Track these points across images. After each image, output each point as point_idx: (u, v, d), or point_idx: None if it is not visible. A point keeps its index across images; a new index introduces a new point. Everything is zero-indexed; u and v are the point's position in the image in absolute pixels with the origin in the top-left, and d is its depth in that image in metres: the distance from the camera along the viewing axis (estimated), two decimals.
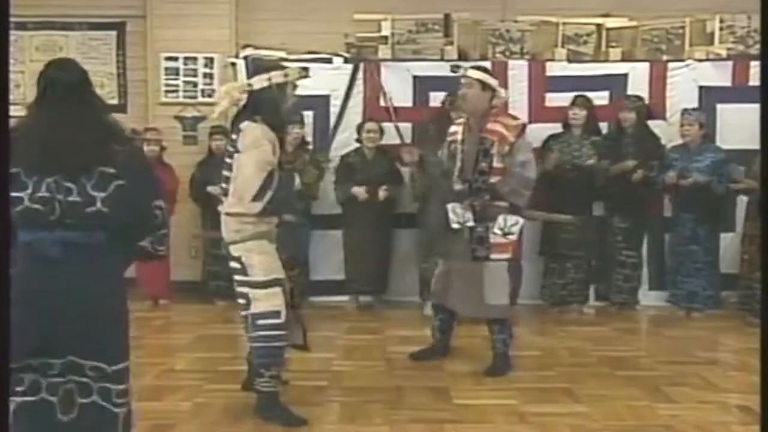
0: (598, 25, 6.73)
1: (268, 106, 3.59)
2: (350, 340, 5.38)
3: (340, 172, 6.39)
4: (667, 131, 6.39)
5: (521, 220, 4.33)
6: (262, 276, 3.53)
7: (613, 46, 6.68)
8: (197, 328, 5.73)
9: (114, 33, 7.25)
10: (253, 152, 3.48)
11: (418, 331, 5.24)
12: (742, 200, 6.19)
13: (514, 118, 4.48)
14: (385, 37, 6.66)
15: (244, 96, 3.61)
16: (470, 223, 4.28)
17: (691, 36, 6.63)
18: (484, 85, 4.36)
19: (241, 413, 3.75)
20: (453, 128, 4.57)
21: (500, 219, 4.26)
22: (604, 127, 6.40)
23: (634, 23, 6.78)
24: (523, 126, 4.32)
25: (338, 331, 5.68)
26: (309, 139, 6.48)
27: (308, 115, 6.48)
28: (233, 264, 3.61)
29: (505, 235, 4.28)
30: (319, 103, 6.55)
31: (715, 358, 5.10)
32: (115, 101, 7.26)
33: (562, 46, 6.65)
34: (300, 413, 3.64)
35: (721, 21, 6.58)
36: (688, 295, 6.17)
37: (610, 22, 6.73)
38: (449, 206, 4.35)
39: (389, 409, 3.83)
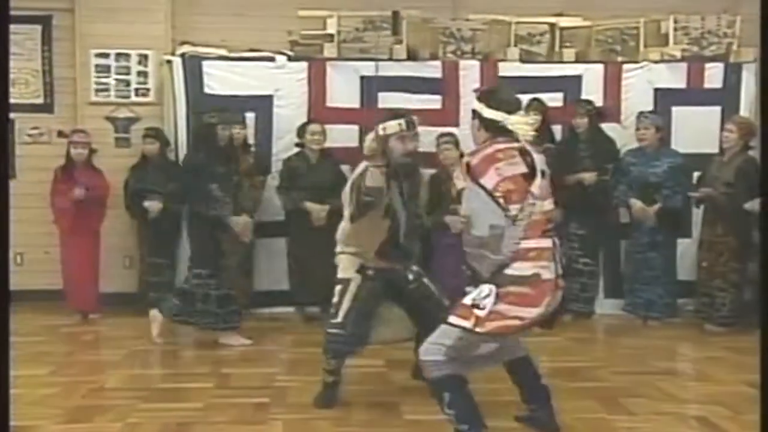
0: (552, 25, 6.84)
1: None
2: (295, 354, 5.37)
3: (284, 177, 6.36)
4: (622, 134, 6.54)
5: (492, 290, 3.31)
6: None
7: (566, 47, 6.81)
8: (130, 343, 5.63)
9: (39, 27, 7.09)
10: None
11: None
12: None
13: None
14: (331, 35, 6.66)
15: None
16: None
17: (645, 37, 6.79)
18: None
19: None
20: None
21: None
22: (557, 130, 6.51)
23: (587, 23, 6.91)
24: (467, 166, 3.39)
25: (282, 344, 5.66)
26: (251, 141, 6.45)
27: (250, 117, 6.47)
28: None
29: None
30: (262, 103, 6.54)
31: (673, 367, 5.22)
32: (40, 100, 7.12)
33: (515, 46, 6.75)
34: None
35: (675, 22, 6.76)
36: (646, 303, 6.27)
37: (564, 22, 6.84)
38: None
39: (336, 427, 3.82)
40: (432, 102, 6.54)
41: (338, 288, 4.16)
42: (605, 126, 6.47)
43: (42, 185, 6.54)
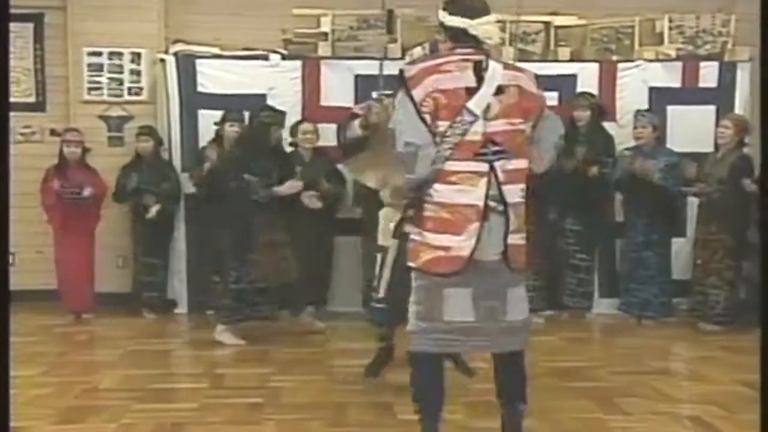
0: (547, 24, 6.85)
1: None
2: (289, 354, 5.36)
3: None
4: (618, 133, 6.55)
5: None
6: None
7: (561, 45, 6.82)
8: (125, 343, 5.64)
9: (31, 25, 7.08)
10: None
11: (362, 344, 5.22)
12: (693, 204, 6.37)
13: None
14: (325, 34, 6.67)
15: None
16: None
17: (640, 35, 6.81)
18: None
19: None
20: None
21: None
22: None
23: (582, 22, 6.92)
24: (400, 74, 3.16)
25: (276, 344, 5.66)
26: None
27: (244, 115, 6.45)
28: None
29: None
30: (255, 102, 6.51)
31: (668, 367, 5.25)
32: (32, 99, 7.10)
33: (510, 45, 6.75)
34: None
35: (670, 21, 6.78)
36: (641, 302, 6.29)
37: (559, 21, 6.85)
38: None
39: (330, 427, 3.83)
40: None
41: (378, 256, 4.26)
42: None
43: (34, 185, 6.52)
